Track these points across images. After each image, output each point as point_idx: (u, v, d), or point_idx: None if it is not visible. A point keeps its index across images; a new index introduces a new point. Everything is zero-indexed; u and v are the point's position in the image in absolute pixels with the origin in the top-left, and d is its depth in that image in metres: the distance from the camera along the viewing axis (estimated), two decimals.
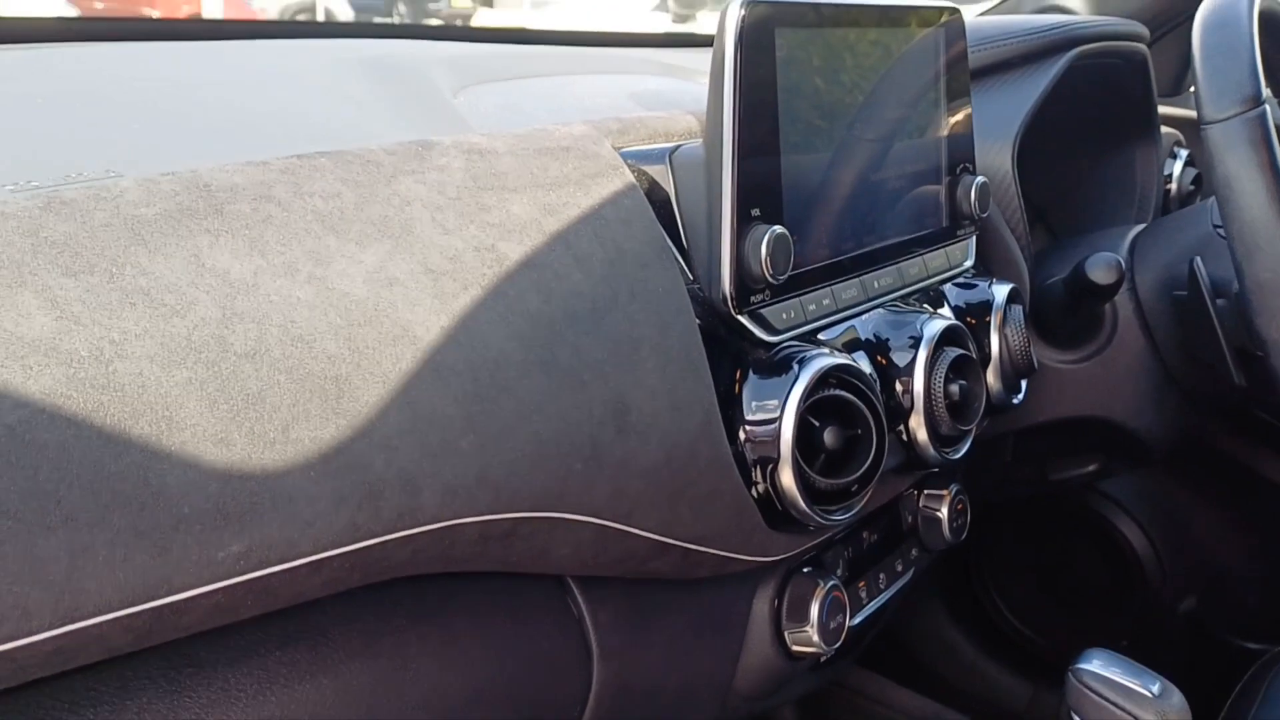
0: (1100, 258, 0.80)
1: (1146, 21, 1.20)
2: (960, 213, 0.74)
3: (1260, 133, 0.73)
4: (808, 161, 0.61)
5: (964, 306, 0.75)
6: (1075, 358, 0.90)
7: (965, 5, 2.72)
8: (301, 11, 11.84)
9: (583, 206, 0.53)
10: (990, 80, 0.88)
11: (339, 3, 12.79)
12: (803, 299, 0.60)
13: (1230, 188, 0.73)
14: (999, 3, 1.33)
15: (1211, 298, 0.81)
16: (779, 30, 0.57)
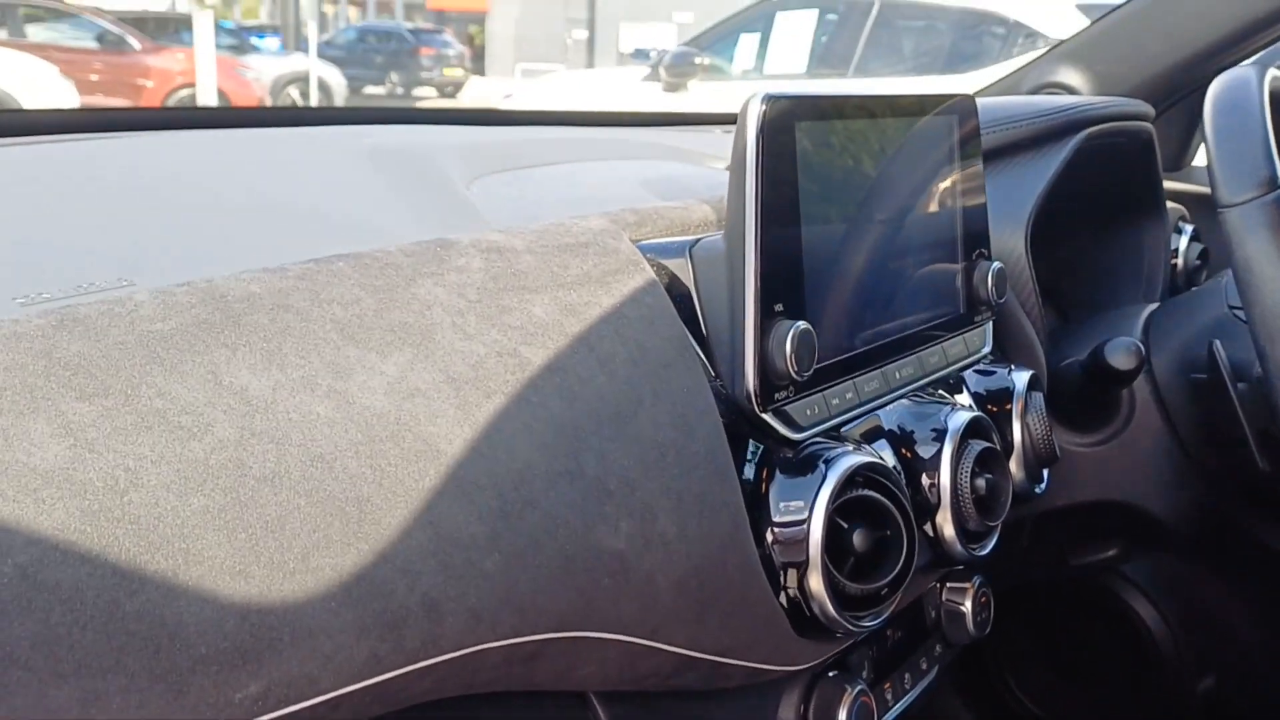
0: (1120, 343, 0.79)
1: (1149, 97, 1.21)
2: (977, 298, 0.73)
3: (1278, 217, 0.72)
4: (828, 253, 0.60)
5: (984, 394, 0.74)
6: (1093, 441, 0.88)
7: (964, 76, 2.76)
8: (294, 81, 12.00)
9: (604, 306, 0.52)
10: (1001, 163, 0.88)
11: (331, 70, 12.97)
12: (826, 394, 0.59)
13: (1250, 271, 0.72)
14: (999, 80, 1.34)
15: (1232, 381, 0.80)
16: (799, 124, 0.57)
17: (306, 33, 13.90)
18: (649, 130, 1.14)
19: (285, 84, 11.89)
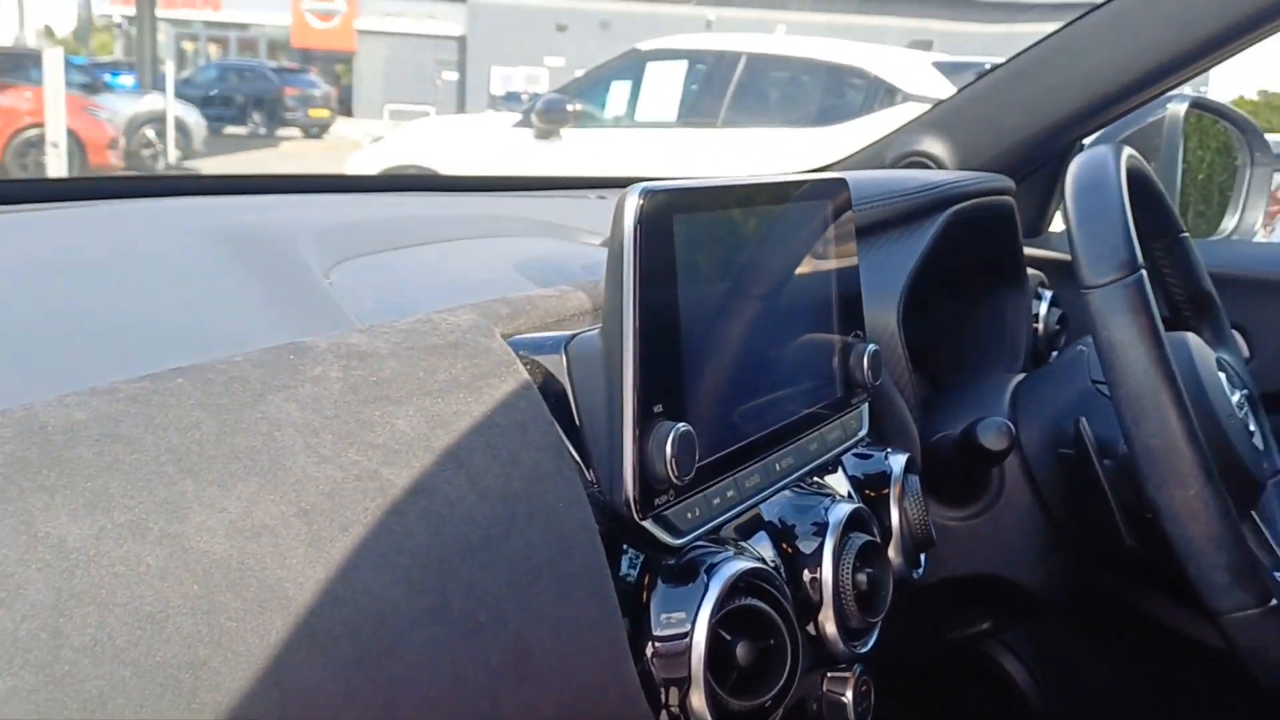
0: (991, 423, 0.80)
1: (1008, 167, 1.25)
2: (854, 381, 0.73)
3: (1139, 299, 0.74)
4: (708, 347, 0.58)
5: (862, 478, 0.73)
6: (964, 515, 0.89)
7: (830, 129, 2.81)
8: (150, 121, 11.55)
9: (474, 415, 0.48)
10: (871, 239, 0.89)
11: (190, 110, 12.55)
12: (707, 493, 0.57)
13: (1114, 353, 0.74)
14: (866, 147, 1.36)
15: (1099, 458, 0.81)
16: (676, 217, 0.55)
17: (163, 70, 13.42)
18: (521, 197, 1.11)
19: (140, 124, 11.44)
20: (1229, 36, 1.09)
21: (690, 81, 5.83)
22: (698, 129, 5.58)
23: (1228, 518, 0.71)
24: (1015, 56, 1.25)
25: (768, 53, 5.75)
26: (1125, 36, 1.15)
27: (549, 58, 26.24)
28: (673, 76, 5.82)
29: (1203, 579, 0.72)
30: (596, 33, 25.62)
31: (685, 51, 5.99)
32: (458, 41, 27.99)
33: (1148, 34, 1.13)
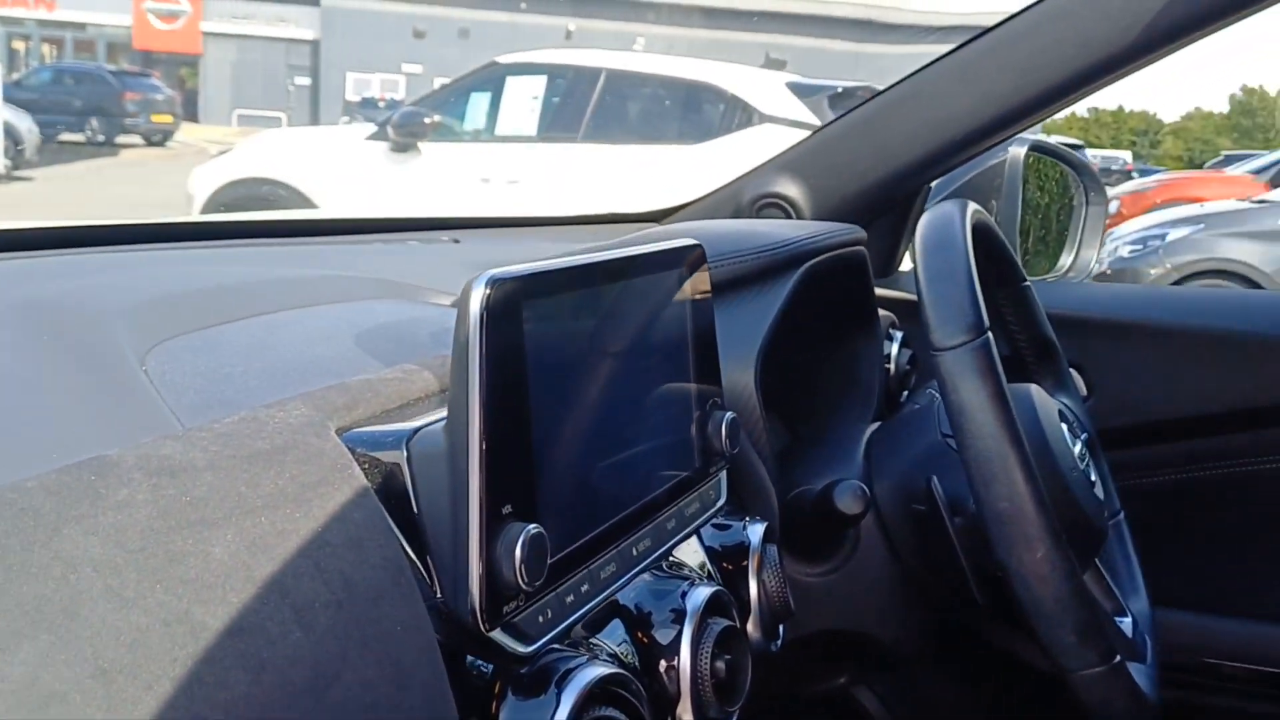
0: (846, 487, 0.80)
1: (861, 210, 1.27)
2: (712, 450, 0.71)
3: (986, 362, 0.75)
4: (561, 437, 0.55)
5: (719, 549, 0.72)
6: (821, 571, 0.89)
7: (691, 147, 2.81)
8: None
9: (302, 534, 0.44)
10: (726, 297, 0.88)
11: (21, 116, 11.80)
12: (559, 592, 0.54)
13: (964, 415, 0.74)
14: (721, 188, 1.36)
15: (950, 516, 0.82)
16: (526, 304, 0.52)
17: None
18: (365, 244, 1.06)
19: None
20: (1069, 88, 1.13)
21: (551, 96, 5.81)
22: (559, 144, 5.56)
23: (1073, 579, 0.72)
24: (864, 102, 1.27)
25: (627, 69, 5.78)
26: (970, 86, 1.18)
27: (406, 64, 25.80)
28: (533, 91, 5.79)
29: (1051, 639, 0.73)
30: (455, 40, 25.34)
31: (545, 66, 5.96)
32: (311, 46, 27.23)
33: (992, 84, 1.16)
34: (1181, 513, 1.26)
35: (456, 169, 5.50)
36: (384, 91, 24.24)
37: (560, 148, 5.50)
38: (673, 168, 5.19)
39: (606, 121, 5.61)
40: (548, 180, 5.27)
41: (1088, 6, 1.10)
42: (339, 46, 26.20)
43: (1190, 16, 1.05)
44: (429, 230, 1.19)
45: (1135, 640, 0.89)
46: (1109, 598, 0.92)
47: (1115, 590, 0.93)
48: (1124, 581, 0.97)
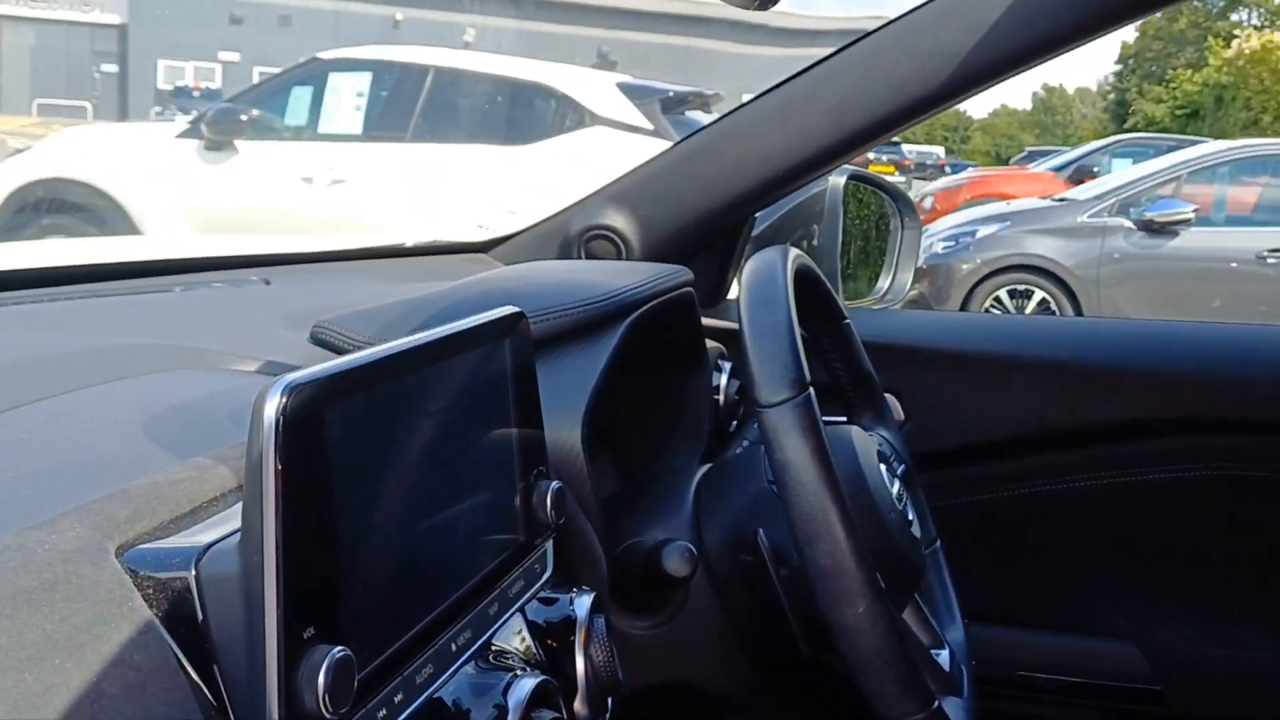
0: (675, 549, 0.80)
1: (689, 241, 1.27)
2: (537, 522, 0.70)
3: (808, 419, 0.76)
4: (370, 541, 0.52)
5: (543, 625, 0.70)
6: (650, 624, 0.88)
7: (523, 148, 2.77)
8: None
9: (75, 687, 0.40)
10: (550, 351, 0.86)
11: None
12: (370, 708, 0.51)
13: (788, 473, 0.75)
14: (548, 218, 1.34)
15: (775, 568, 0.83)
16: (329, 407, 0.49)
17: None
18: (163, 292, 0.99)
19: None
20: (883, 126, 1.16)
21: (377, 94, 5.65)
22: (386, 143, 5.41)
23: (892, 631, 0.74)
24: (690, 136, 1.27)
25: (457, 67, 5.66)
26: (791, 124, 1.20)
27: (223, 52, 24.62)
28: (357, 88, 5.62)
29: (872, 690, 0.74)
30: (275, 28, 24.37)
31: (370, 62, 5.79)
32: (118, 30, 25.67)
33: (811, 122, 1.19)
34: (993, 531, 1.32)
35: (276, 168, 5.28)
36: (199, 80, 23.06)
37: (388, 147, 5.35)
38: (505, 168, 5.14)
39: (436, 121, 5.49)
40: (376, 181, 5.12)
41: (897, 51, 1.14)
42: (149, 32, 24.77)
43: (991, 64, 1.10)
44: (236, 269, 1.12)
45: (952, 673, 0.92)
46: (927, 631, 0.95)
47: (933, 622, 0.97)
48: (941, 611, 1.01)
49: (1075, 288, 6.25)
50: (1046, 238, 6.41)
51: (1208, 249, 6.11)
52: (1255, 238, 6.08)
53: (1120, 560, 1.30)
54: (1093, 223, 6.33)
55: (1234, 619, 1.28)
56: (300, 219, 5.07)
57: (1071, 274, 6.26)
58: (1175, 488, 1.24)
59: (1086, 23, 1.06)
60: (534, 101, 5.52)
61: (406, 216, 4.93)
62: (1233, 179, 6.55)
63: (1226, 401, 1.22)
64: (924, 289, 6.64)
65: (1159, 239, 6.16)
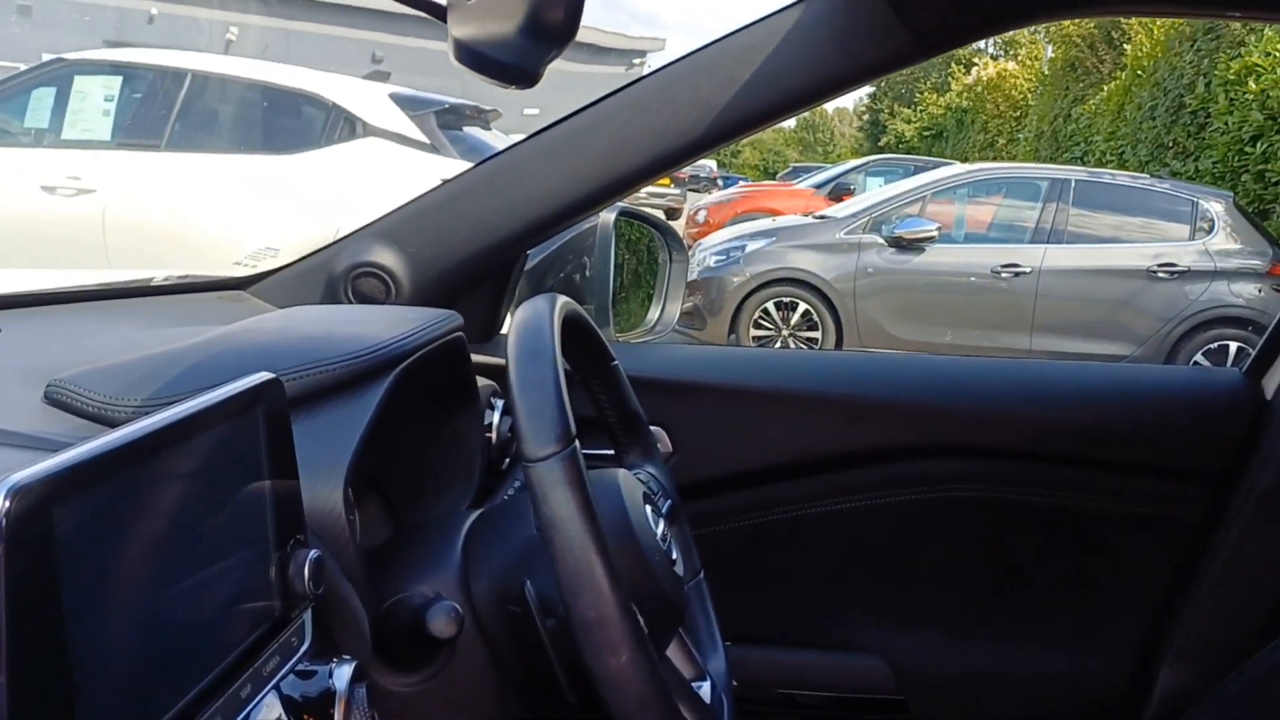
0: (440, 609, 0.80)
1: (461, 282, 1.27)
2: (293, 593, 0.68)
3: (574, 473, 0.78)
4: (109, 640, 0.50)
5: (299, 700, 0.69)
6: (418, 679, 0.88)
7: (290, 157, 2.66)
8: None
9: None
10: (311, 408, 0.84)
11: None
12: None
13: (554, 528, 0.77)
14: (314, 253, 1.31)
15: (542, 619, 0.84)
16: (59, 506, 0.46)
17: None
18: None
19: None
20: (648, 171, 1.21)
21: (129, 98, 5.29)
22: (139, 151, 5.07)
23: (655, 679, 0.77)
24: (461, 175, 1.27)
25: (217, 72, 5.37)
26: (561, 165, 1.22)
27: None
28: (105, 92, 5.24)
29: None
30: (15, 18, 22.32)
31: (120, 65, 5.42)
32: None
33: (581, 164, 1.21)
34: (754, 555, 1.39)
35: (13, 176, 4.85)
36: None
37: (141, 156, 5.02)
38: (269, 179, 4.93)
39: (194, 129, 5.20)
40: (128, 191, 4.79)
41: (659, 101, 1.18)
42: None
43: (744, 117, 1.16)
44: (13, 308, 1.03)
45: (714, 705, 0.96)
46: (690, 664, 0.99)
47: (696, 655, 1.01)
48: (704, 641, 1.05)
49: (834, 300, 6.64)
50: (808, 253, 6.77)
51: (950, 264, 6.62)
52: (991, 254, 6.64)
53: (866, 579, 1.39)
54: (849, 239, 6.74)
55: (966, 630, 1.40)
56: (41, 230, 4.68)
57: (831, 287, 6.64)
58: (911, 509, 1.35)
59: (830, 83, 1.14)
60: (302, 110, 5.32)
61: (162, 228, 4.64)
62: (971, 199, 7.13)
63: (952, 428, 1.34)
64: (698, 301, 6.87)
65: (907, 254, 6.63)
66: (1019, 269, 6.50)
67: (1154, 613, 1.35)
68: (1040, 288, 6.46)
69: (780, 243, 6.89)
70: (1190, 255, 6.31)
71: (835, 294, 6.64)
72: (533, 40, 0.55)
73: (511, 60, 0.56)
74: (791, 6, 1.15)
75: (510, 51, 0.55)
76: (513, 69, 0.56)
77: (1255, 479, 1.28)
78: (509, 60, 0.55)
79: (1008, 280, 6.52)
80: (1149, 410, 1.34)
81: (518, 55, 0.55)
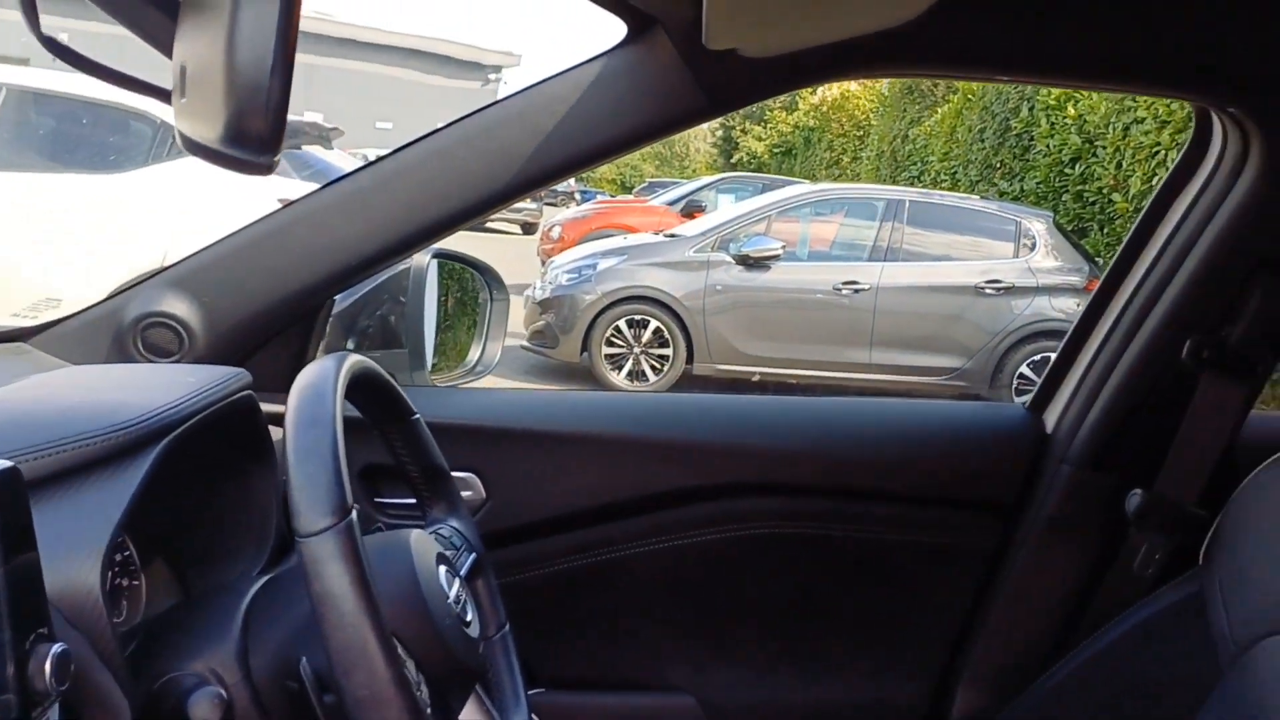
0: (203, 695, 0.77)
1: (260, 330, 1.23)
2: (35, 692, 0.64)
3: (349, 546, 0.76)
4: None
5: None
6: None
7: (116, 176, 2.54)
8: None
9: None
10: (70, 482, 0.80)
11: None
12: None
13: (326, 605, 0.75)
14: (99, 302, 1.25)
15: (318, 695, 0.82)
16: None
17: None
18: None
19: None
20: (457, 218, 1.20)
21: None
22: None
23: None
24: (259, 220, 1.24)
25: (37, 87, 5.08)
26: (365, 212, 1.20)
27: None
28: None
29: None
30: None
31: None
32: None
33: (385, 211, 1.20)
34: (569, 599, 1.39)
35: None
36: None
37: None
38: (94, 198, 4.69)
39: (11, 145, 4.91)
40: None
41: (466, 149, 1.18)
42: None
43: (548, 167, 1.17)
44: None
45: None
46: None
47: (494, 713, 1.00)
48: (506, 696, 1.05)
49: (685, 317, 6.74)
50: (659, 270, 6.85)
51: (795, 281, 6.81)
52: (833, 271, 6.87)
53: (678, 618, 1.42)
54: (698, 257, 6.85)
55: (774, 664, 1.44)
56: None
57: (681, 304, 6.74)
58: (721, 547, 1.38)
59: (631, 136, 1.16)
60: (128, 126, 5.09)
61: None
62: (814, 218, 7.36)
63: (759, 466, 1.38)
64: (550, 320, 6.88)
65: (754, 272, 6.79)
66: (859, 286, 6.74)
67: (951, 640, 1.42)
68: (878, 304, 6.71)
69: (631, 261, 6.96)
70: (1015, 272, 6.67)
71: (685, 311, 6.74)
72: (239, 146, 0.54)
73: (235, 155, 0.54)
74: (594, 60, 1.17)
75: (228, 148, 0.54)
76: (239, 161, 0.55)
77: (1038, 508, 1.36)
78: (233, 154, 0.54)
79: (849, 297, 6.75)
80: (941, 445, 1.40)
81: (236, 152, 0.54)
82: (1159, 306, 1.28)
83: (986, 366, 6.54)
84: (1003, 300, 6.61)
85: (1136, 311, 1.31)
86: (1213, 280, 1.25)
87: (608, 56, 1.17)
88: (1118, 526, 1.33)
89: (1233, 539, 1.15)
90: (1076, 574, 1.35)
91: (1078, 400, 1.36)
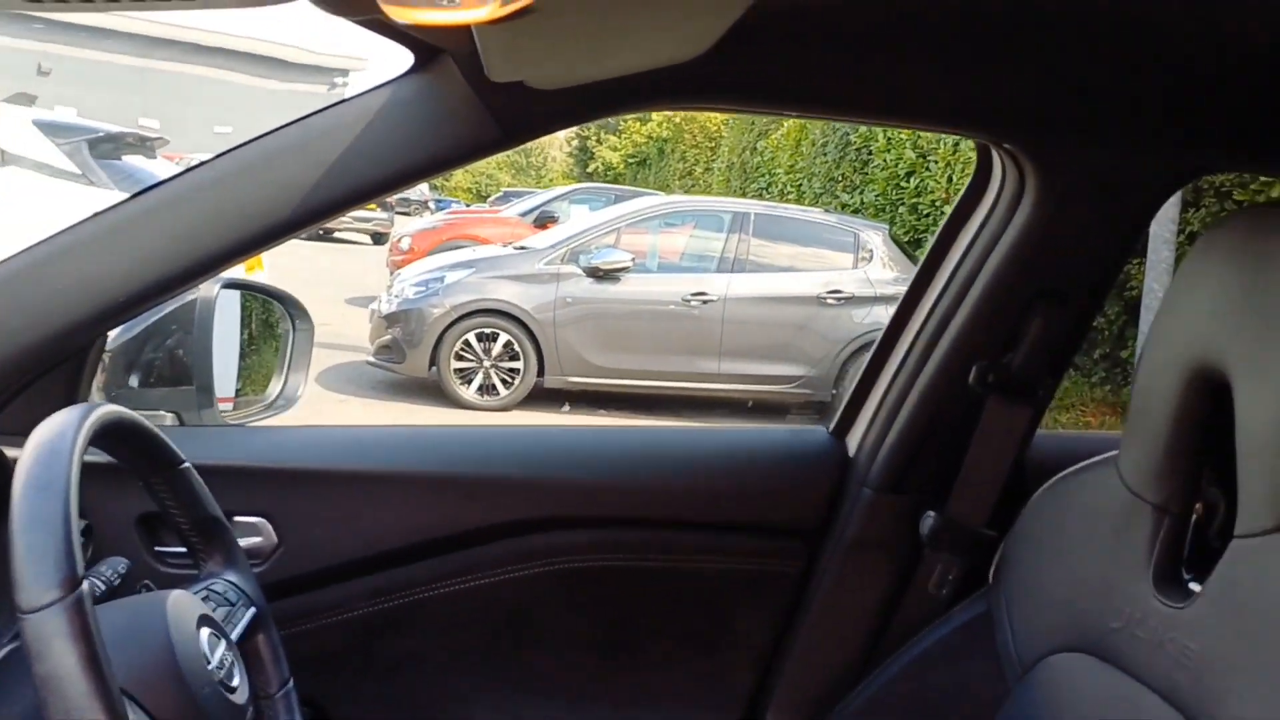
0: None
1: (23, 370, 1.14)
2: None
3: (77, 623, 0.70)
4: None
5: None
6: None
7: None
8: None
9: None
10: None
11: None
12: None
13: (50, 690, 0.69)
14: None
15: None
16: None
17: None
18: None
19: None
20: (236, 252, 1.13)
21: None
22: None
23: None
24: (17, 254, 1.14)
25: None
26: (129, 247, 1.13)
27: None
28: None
29: None
30: None
31: None
32: None
33: (153, 246, 1.13)
34: (373, 644, 1.34)
35: None
36: None
37: None
38: None
39: None
40: None
41: (244, 179, 1.12)
42: None
43: (335, 198, 1.12)
44: None
45: None
46: None
47: None
48: None
49: (535, 330, 6.69)
50: (509, 283, 6.79)
51: (645, 293, 6.85)
52: (682, 282, 6.94)
53: (488, 656, 1.38)
54: (548, 269, 6.82)
55: (588, 697, 1.42)
56: None
57: (531, 317, 6.69)
58: (530, 583, 1.35)
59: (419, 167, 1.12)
60: None
61: None
62: (664, 229, 7.42)
63: (567, 499, 1.36)
64: (396, 334, 6.72)
65: (604, 284, 6.80)
66: (707, 297, 6.83)
67: (761, 665, 1.43)
68: (726, 315, 6.81)
69: (479, 273, 6.88)
70: (854, 283, 6.88)
71: (536, 324, 6.70)
72: None
73: None
74: (381, 87, 1.13)
75: None
76: None
77: (842, 531, 1.38)
78: None
79: (698, 308, 6.83)
80: (748, 471, 1.41)
81: None
82: (948, 333, 1.32)
83: (829, 373, 6.72)
84: (844, 310, 6.81)
85: (929, 338, 1.35)
86: (996, 308, 1.29)
87: (396, 83, 1.13)
88: (915, 549, 1.36)
89: (1017, 559, 1.19)
90: (877, 596, 1.38)
91: (877, 424, 1.39)
